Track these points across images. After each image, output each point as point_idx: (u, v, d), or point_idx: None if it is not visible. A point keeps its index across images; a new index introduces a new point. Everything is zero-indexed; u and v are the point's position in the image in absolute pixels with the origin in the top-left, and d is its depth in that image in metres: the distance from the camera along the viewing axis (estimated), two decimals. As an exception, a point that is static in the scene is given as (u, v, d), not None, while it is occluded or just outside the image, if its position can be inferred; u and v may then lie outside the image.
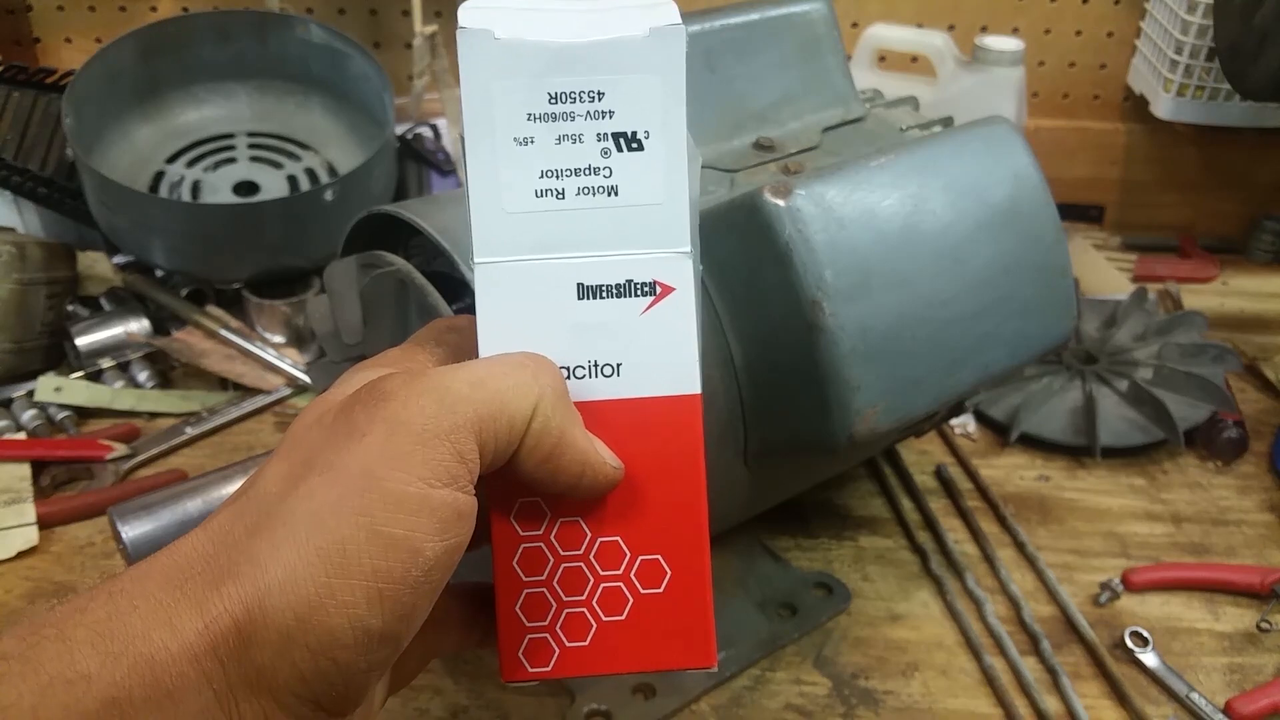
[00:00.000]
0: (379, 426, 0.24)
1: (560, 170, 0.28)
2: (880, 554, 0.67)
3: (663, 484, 0.29)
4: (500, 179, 0.28)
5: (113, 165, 0.88)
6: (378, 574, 0.23)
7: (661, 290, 0.29)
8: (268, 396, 0.79)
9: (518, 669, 0.29)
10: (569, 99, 0.28)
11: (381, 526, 0.24)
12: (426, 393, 0.25)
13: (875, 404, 0.47)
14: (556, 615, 0.29)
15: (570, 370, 0.29)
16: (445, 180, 0.99)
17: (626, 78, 0.28)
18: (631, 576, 0.29)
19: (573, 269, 0.28)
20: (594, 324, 0.29)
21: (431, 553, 0.24)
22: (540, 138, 0.28)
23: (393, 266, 0.51)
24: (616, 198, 0.28)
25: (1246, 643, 0.61)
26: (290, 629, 0.23)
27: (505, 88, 0.28)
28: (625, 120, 0.28)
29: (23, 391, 0.78)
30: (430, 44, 0.98)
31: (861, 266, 0.47)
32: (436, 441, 0.24)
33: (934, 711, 0.56)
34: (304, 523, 0.24)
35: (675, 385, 0.29)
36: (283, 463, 0.26)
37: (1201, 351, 0.82)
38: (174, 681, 0.23)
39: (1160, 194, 1.08)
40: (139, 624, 0.23)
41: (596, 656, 0.29)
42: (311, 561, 0.23)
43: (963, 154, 0.51)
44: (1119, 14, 1.03)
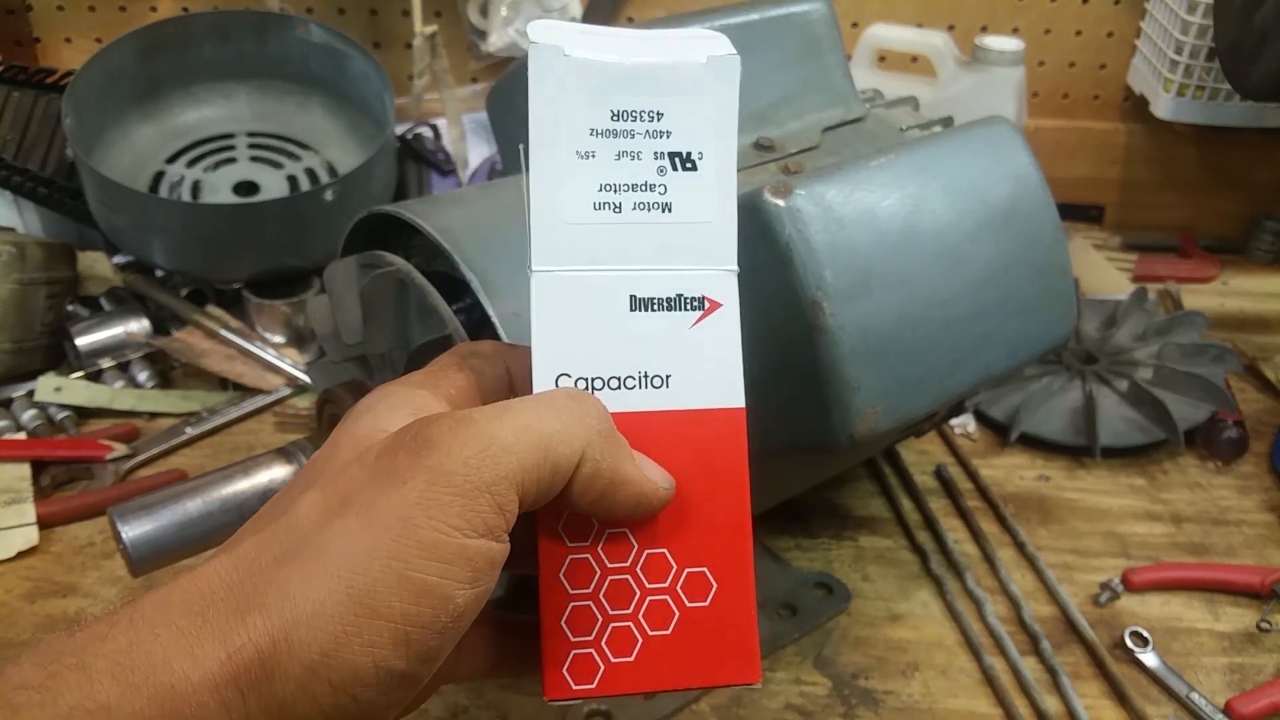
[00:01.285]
0: (420, 475, 0.25)
1: (618, 185, 0.29)
2: (880, 554, 0.67)
3: (709, 496, 0.29)
4: (561, 190, 0.29)
5: (113, 165, 0.89)
6: (407, 618, 0.24)
7: (710, 305, 0.30)
8: (268, 396, 0.79)
9: (561, 686, 0.28)
10: (630, 117, 0.29)
11: (414, 573, 0.24)
12: (471, 441, 0.25)
13: (875, 404, 0.47)
14: (603, 629, 0.29)
15: (621, 380, 0.29)
16: (445, 180, 0.99)
17: (685, 100, 0.29)
18: (678, 589, 0.29)
19: (627, 280, 0.29)
20: (645, 335, 0.29)
21: (462, 600, 0.25)
22: (601, 152, 0.29)
23: (393, 266, 0.51)
24: (670, 214, 0.29)
25: (1246, 643, 0.61)
26: (315, 664, 0.23)
27: (571, 103, 0.29)
28: (681, 141, 0.29)
29: (23, 391, 0.78)
30: (430, 44, 0.98)
31: (861, 266, 0.46)
32: (476, 493, 0.25)
33: (934, 711, 0.56)
34: (337, 561, 0.24)
35: (722, 398, 0.30)
36: (317, 495, 0.26)
37: (1201, 351, 0.82)
38: (194, 712, 0.23)
39: (1160, 194, 1.08)
40: (160, 653, 0.23)
41: (642, 673, 0.29)
42: (342, 600, 0.24)
43: (963, 154, 0.51)
44: (1119, 14, 1.03)
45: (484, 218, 0.51)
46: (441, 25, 0.99)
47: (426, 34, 0.97)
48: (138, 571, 0.56)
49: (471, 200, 0.54)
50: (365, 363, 0.62)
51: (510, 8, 0.98)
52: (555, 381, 0.29)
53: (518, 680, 0.33)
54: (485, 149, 1.02)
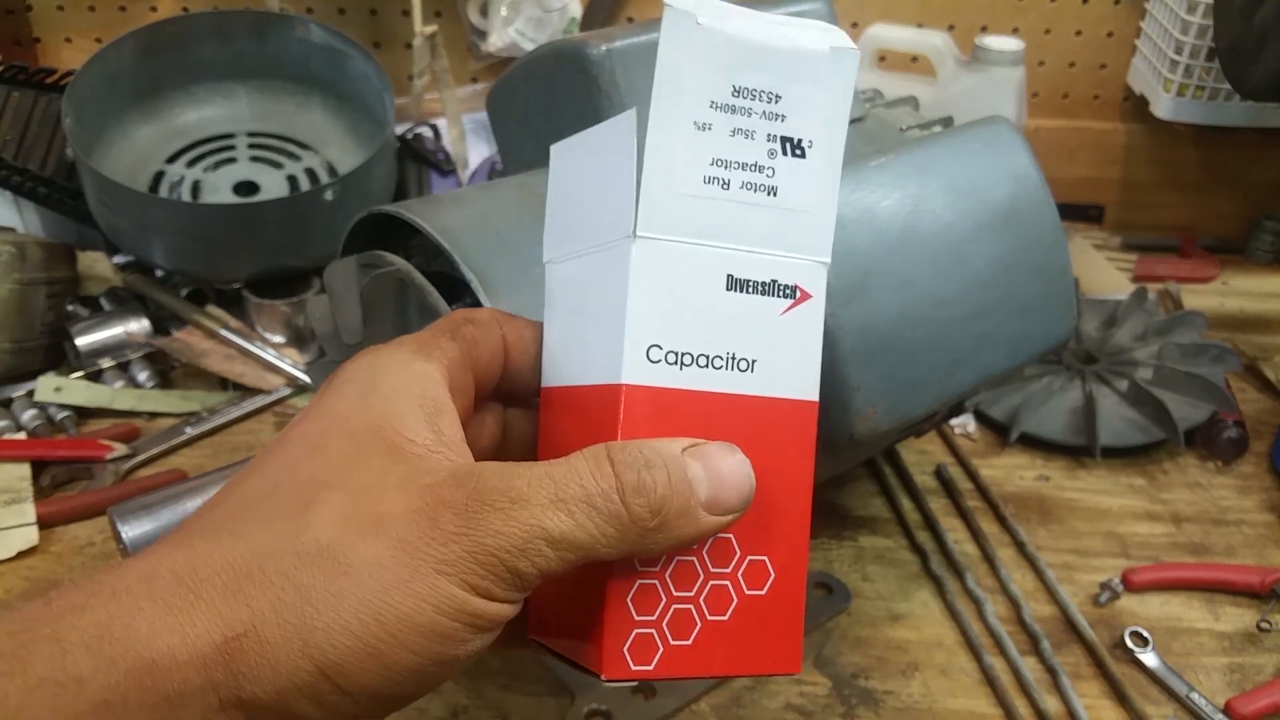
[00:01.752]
0: (463, 544, 0.25)
1: (730, 161, 0.29)
2: (880, 554, 0.67)
3: (777, 486, 0.29)
4: (676, 158, 0.28)
5: (113, 165, 0.89)
6: (429, 655, 0.25)
7: (801, 295, 0.29)
8: (268, 396, 0.79)
9: (620, 665, 0.28)
10: (750, 95, 0.29)
11: (441, 618, 0.25)
12: (520, 528, 0.25)
13: (875, 404, 0.47)
14: (665, 610, 0.28)
15: (709, 359, 0.29)
16: (445, 180, 0.99)
17: (803, 87, 0.29)
18: (739, 576, 0.29)
19: (727, 259, 0.29)
20: (738, 316, 0.29)
21: (477, 645, 0.26)
22: (718, 126, 0.28)
23: (393, 266, 0.51)
24: (774, 198, 0.29)
25: (1246, 643, 0.61)
26: (328, 668, 0.24)
27: (698, 71, 0.28)
28: (795, 126, 0.29)
29: (23, 391, 0.78)
30: (430, 44, 0.98)
31: (861, 266, 0.46)
32: (506, 573, 0.25)
33: (934, 711, 0.56)
34: (369, 586, 0.24)
35: (801, 390, 0.30)
36: (342, 499, 0.26)
37: (1201, 351, 0.82)
38: (175, 688, 0.23)
39: (1160, 194, 1.08)
40: (144, 627, 0.23)
41: (696, 657, 0.29)
42: (369, 623, 0.24)
43: (962, 154, 0.51)
44: (1119, 14, 1.03)
45: (484, 218, 0.51)
46: (441, 25, 0.99)
47: (426, 34, 0.97)
48: (138, 571, 0.56)
49: (471, 200, 0.54)
50: (365, 363, 0.62)
51: (510, 8, 0.98)
52: (646, 353, 0.28)
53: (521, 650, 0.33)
54: (485, 149, 1.02)
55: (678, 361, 0.28)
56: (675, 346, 0.28)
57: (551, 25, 0.99)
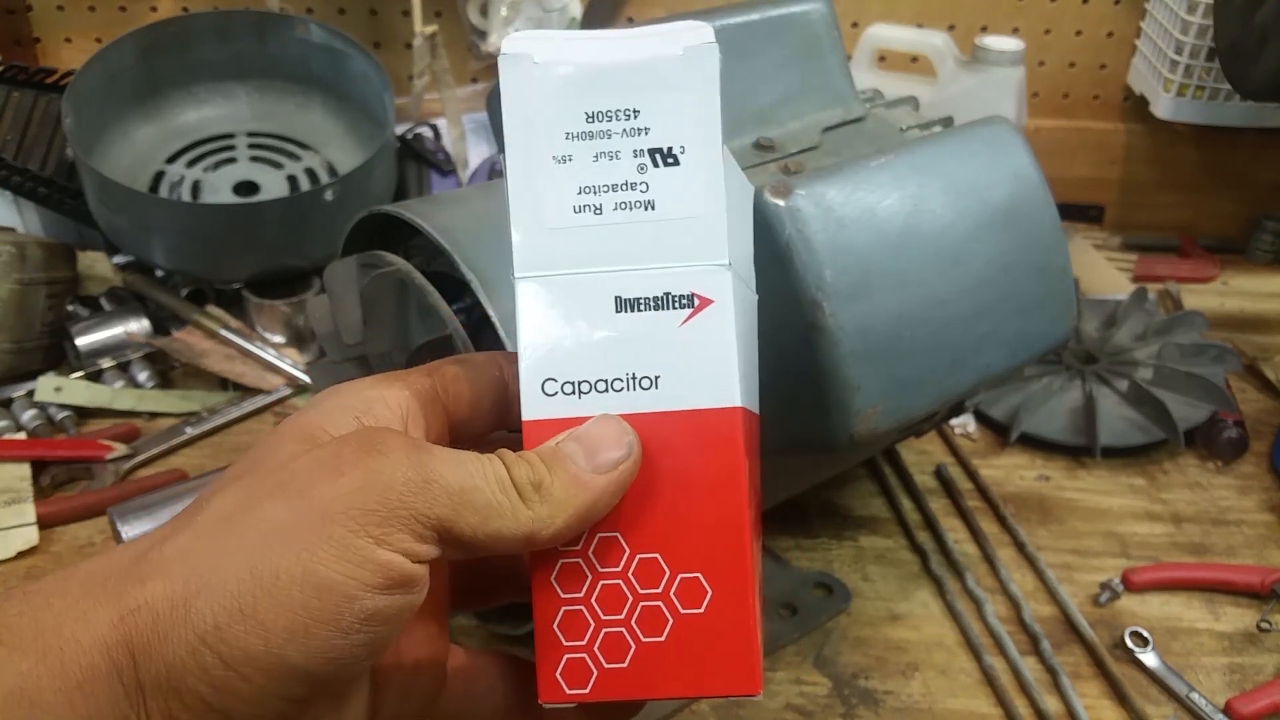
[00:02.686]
0: (358, 474, 0.24)
1: (598, 186, 0.29)
2: (880, 554, 0.67)
3: (703, 499, 0.29)
4: (540, 196, 0.29)
5: (113, 165, 0.89)
6: (307, 610, 0.23)
7: (700, 302, 0.29)
8: (268, 396, 0.79)
9: (555, 690, 0.28)
10: (605, 118, 0.29)
11: (319, 566, 0.23)
12: (419, 468, 0.25)
13: (875, 404, 0.47)
14: (595, 634, 0.28)
15: (608, 382, 0.29)
16: (445, 180, 0.99)
17: (660, 96, 0.29)
18: (671, 595, 0.28)
19: (611, 282, 0.29)
20: (632, 336, 0.29)
21: (369, 605, 0.24)
22: (578, 155, 0.29)
23: (393, 266, 0.51)
24: (653, 212, 0.29)
25: (1246, 643, 0.61)
26: (206, 633, 0.23)
27: (544, 110, 0.28)
28: (660, 136, 0.29)
29: (23, 391, 0.78)
30: (430, 44, 0.98)
31: (861, 266, 0.46)
32: (403, 514, 0.24)
33: (934, 711, 0.56)
34: (252, 540, 0.24)
35: (715, 398, 0.29)
36: (252, 480, 0.26)
37: (1201, 351, 0.82)
38: (83, 673, 0.23)
39: (1160, 194, 1.08)
40: (50, 619, 0.23)
41: (636, 679, 0.28)
42: (244, 578, 0.23)
43: (963, 154, 0.51)
44: (1119, 14, 1.03)
45: (484, 218, 0.51)
46: (441, 25, 0.99)
47: (426, 34, 0.97)
48: (138, 571, 0.56)
49: (471, 200, 0.54)
50: (365, 363, 0.62)
51: (510, 8, 0.98)
52: (541, 387, 0.28)
53: None
54: (485, 149, 1.02)
55: (575, 391, 0.28)
56: (571, 376, 0.28)
57: (551, 25, 0.99)
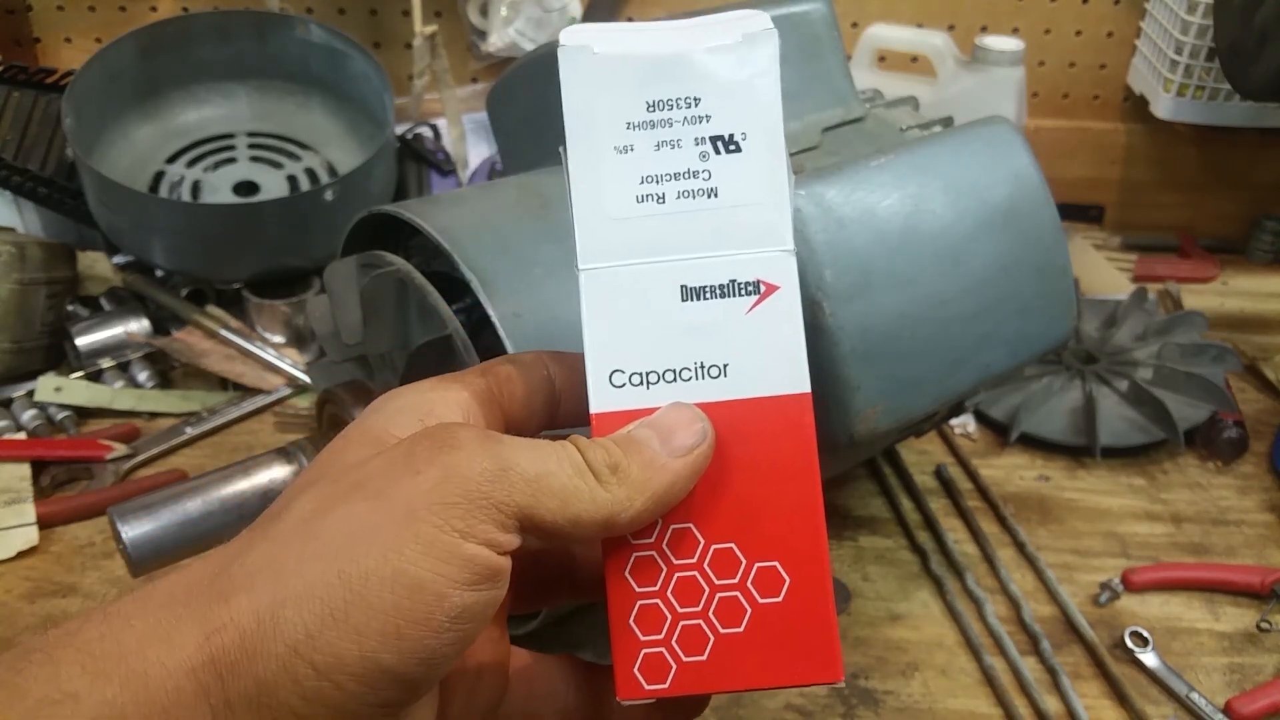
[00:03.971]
0: (436, 470, 0.24)
1: (660, 175, 0.29)
2: (880, 554, 0.67)
3: (776, 487, 0.29)
4: (603, 187, 0.29)
5: (113, 165, 0.88)
6: (399, 611, 0.23)
7: (766, 289, 0.29)
8: (268, 396, 0.79)
9: (634, 686, 0.28)
10: (667, 106, 0.29)
11: (409, 566, 0.23)
12: (493, 458, 0.25)
13: (875, 404, 0.47)
14: (672, 628, 0.28)
15: (676, 373, 0.29)
16: (445, 180, 0.99)
17: (720, 83, 0.29)
18: (749, 585, 0.28)
19: (676, 271, 0.29)
20: (699, 325, 0.29)
21: (459, 601, 0.24)
22: (640, 145, 0.29)
23: (393, 266, 0.51)
24: (717, 199, 0.29)
25: (1246, 643, 0.61)
26: (299, 643, 0.23)
27: (605, 100, 0.29)
28: (722, 124, 0.29)
29: (23, 391, 0.78)
30: (430, 44, 0.98)
31: (861, 266, 0.46)
32: (485, 504, 0.24)
33: (934, 711, 0.56)
34: (334, 543, 0.24)
35: (785, 385, 0.29)
36: (326, 486, 0.25)
37: (1201, 351, 0.82)
38: (169, 697, 0.22)
39: (1160, 194, 1.08)
40: (133, 641, 0.23)
41: (716, 672, 0.28)
42: (332, 582, 0.23)
43: (963, 154, 0.51)
44: (1119, 14, 1.03)
45: (484, 218, 0.51)
46: (441, 25, 0.99)
47: (426, 34, 0.97)
48: (137, 571, 0.56)
49: (471, 200, 0.54)
50: (365, 363, 0.62)
51: (510, 8, 0.98)
52: (609, 379, 0.28)
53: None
54: (485, 149, 1.02)
55: (643, 382, 0.28)
56: (638, 368, 0.28)
57: (551, 25, 0.99)
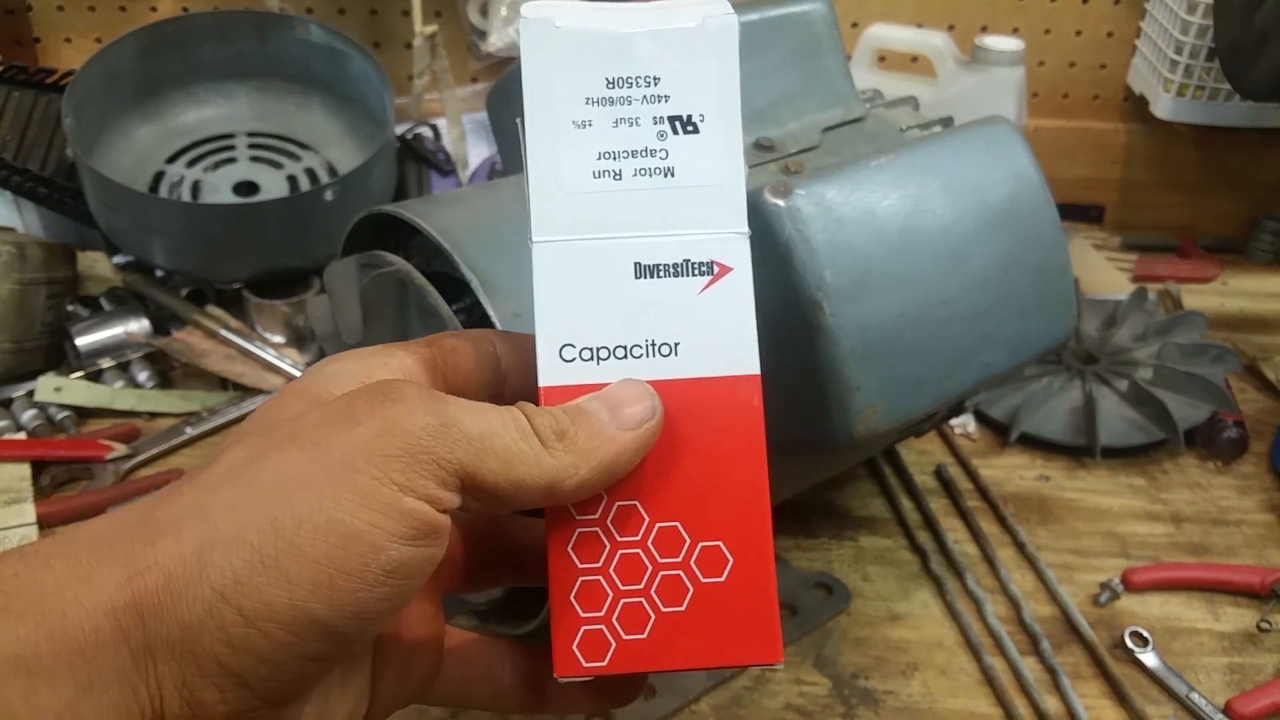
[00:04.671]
0: (375, 422, 0.24)
1: (617, 152, 0.29)
2: (880, 554, 0.67)
3: (723, 467, 0.29)
4: (560, 160, 0.29)
5: (113, 165, 0.89)
6: (331, 560, 0.22)
7: (719, 270, 0.29)
8: (267, 396, 0.79)
9: (572, 663, 0.28)
10: (626, 84, 0.29)
11: (344, 515, 0.23)
12: (436, 414, 0.24)
13: (875, 404, 0.47)
14: (613, 605, 0.28)
15: (627, 349, 0.29)
16: (445, 180, 0.99)
17: (681, 64, 0.29)
18: (692, 564, 0.28)
19: (630, 248, 0.29)
20: (651, 303, 0.29)
21: (395, 555, 0.23)
22: (598, 121, 0.29)
23: (393, 266, 0.51)
24: (673, 179, 0.29)
25: (1246, 643, 0.61)
26: (226, 588, 0.22)
27: (565, 74, 0.29)
28: (680, 104, 0.29)
29: (23, 391, 0.78)
30: (430, 44, 0.98)
31: (861, 266, 0.46)
32: (425, 459, 0.24)
33: (934, 711, 0.56)
34: (268, 489, 0.23)
35: (734, 365, 0.29)
36: (259, 437, 0.25)
37: (1201, 351, 0.82)
38: (86, 638, 0.22)
39: (1160, 194, 1.08)
40: (50, 580, 0.22)
41: (656, 651, 0.28)
42: (264, 529, 0.22)
43: (963, 154, 0.51)
44: (1119, 14, 1.03)
45: (484, 218, 0.51)
46: (441, 25, 0.99)
47: (426, 34, 0.97)
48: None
49: (471, 200, 0.54)
50: (365, 363, 0.62)
51: (510, 8, 0.98)
52: (559, 353, 0.28)
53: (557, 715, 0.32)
54: (485, 149, 1.02)
55: (594, 357, 0.28)
56: (589, 342, 0.28)
57: (551, 25, 0.99)
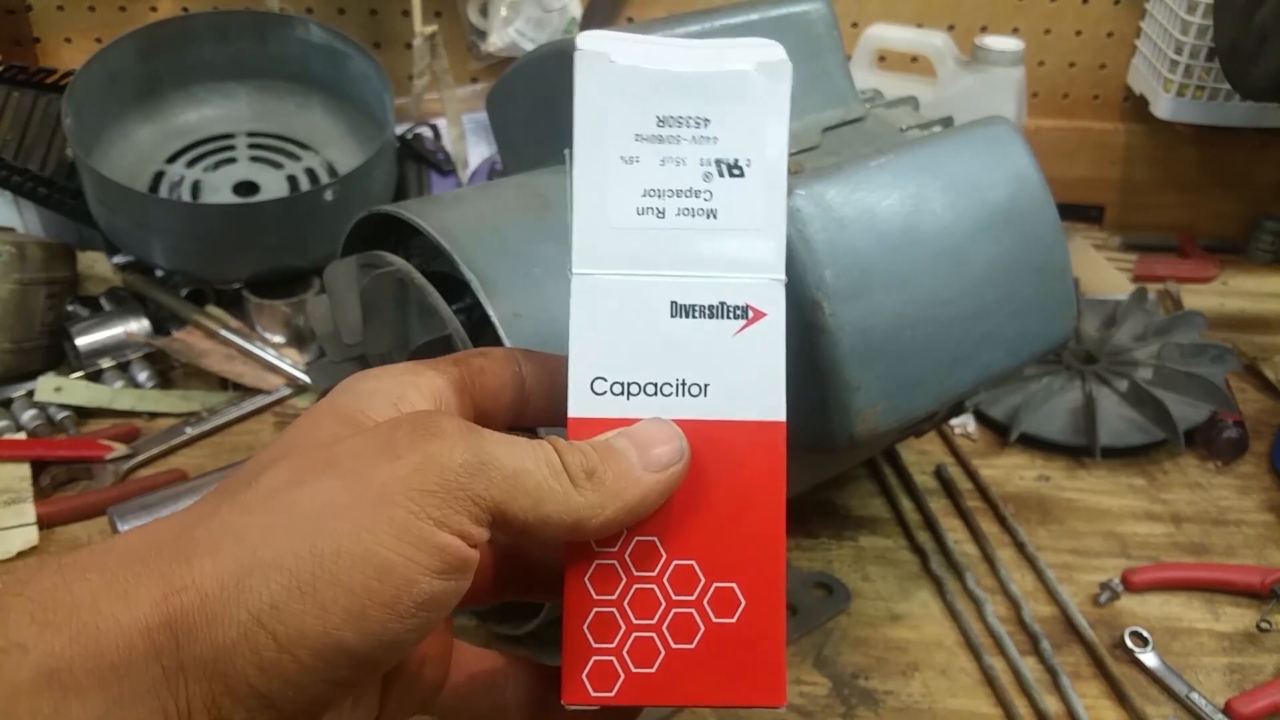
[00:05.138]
0: (415, 456, 0.24)
1: (663, 190, 0.29)
2: (880, 554, 0.67)
3: (743, 511, 0.29)
4: (606, 194, 0.29)
5: (113, 165, 0.88)
6: (367, 591, 0.23)
7: (754, 315, 0.29)
8: (268, 396, 0.79)
9: (580, 692, 0.28)
10: (675, 123, 0.29)
11: (380, 549, 0.23)
12: (474, 451, 0.25)
13: (875, 404, 0.47)
14: (625, 637, 0.28)
15: (658, 386, 0.29)
16: (445, 180, 0.99)
17: (731, 108, 0.29)
18: (705, 604, 0.29)
19: (668, 286, 0.29)
20: (685, 342, 0.29)
21: (427, 589, 0.24)
22: (646, 157, 0.29)
23: (393, 266, 0.51)
24: (715, 220, 0.29)
25: (1246, 643, 0.61)
26: (262, 613, 0.22)
27: (617, 109, 0.29)
28: (728, 148, 0.29)
29: (23, 391, 0.78)
30: (430, 44, 0.98)
31: (861, 266, 0.46)
32: (461, 496, 0.24)
33: (934, 711, 0.56)
34: (306, 517, 0.23)
35: (762, 410, 0.29)
36: (297, 459, 0.25)
37: (1201, 351, 0.82)
38: (119, 655, 0.22)
39: (1160, 194, 1.08)
40: (87, 594, 0.22)
41: (662, 686, 0.28)
42: (303, 556, 0.23)
43: (963, 154, 0.51)
44: (1119, 14, 1.03)
45: (484, 218, 0.51)
46: (441, 25, 0.99)
47: (426, 34, 0.97)
48: (138, 571, 0.56)
49: (471, 200, 0.54)
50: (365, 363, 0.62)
51: (510, 8, 0.98)
52: (591, 385, 0.29)
53: None
54: (485, 149, 1.02)
55: (624, 392, 0.29)
56: (621, 377, 0.29)
57: (551, 25, 0.99)
